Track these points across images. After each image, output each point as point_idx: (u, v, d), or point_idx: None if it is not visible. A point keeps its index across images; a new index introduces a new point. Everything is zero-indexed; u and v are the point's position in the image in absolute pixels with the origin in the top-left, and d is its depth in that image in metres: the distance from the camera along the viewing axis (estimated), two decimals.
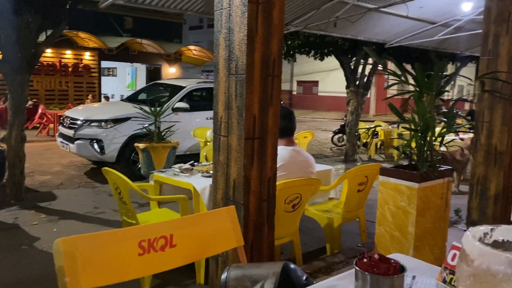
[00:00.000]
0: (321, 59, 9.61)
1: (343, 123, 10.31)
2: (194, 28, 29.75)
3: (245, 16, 1.99)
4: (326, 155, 10.26)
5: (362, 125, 9.63)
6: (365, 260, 0.77)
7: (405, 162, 3.14)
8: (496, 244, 0.54)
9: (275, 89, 2.10)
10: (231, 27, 2.08)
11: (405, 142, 3.10)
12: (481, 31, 3.90)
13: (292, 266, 1.03)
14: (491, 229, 0.53)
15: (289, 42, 8.97)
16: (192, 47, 18.17)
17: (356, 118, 9.09)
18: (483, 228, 0.53)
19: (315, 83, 29.07)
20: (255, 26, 2.01)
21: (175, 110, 7.20)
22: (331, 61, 9.82)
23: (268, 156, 2.12)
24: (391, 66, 15.53)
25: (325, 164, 5.04)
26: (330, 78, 25.15)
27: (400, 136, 6.02)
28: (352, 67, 8.99)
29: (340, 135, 10.94)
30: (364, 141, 9.68)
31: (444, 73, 8.18)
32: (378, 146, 9.91)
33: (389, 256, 1.15)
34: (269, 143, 2.11)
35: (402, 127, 3.21)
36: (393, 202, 2.94)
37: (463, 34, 7.11)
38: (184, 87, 7.76)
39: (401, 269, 0.78)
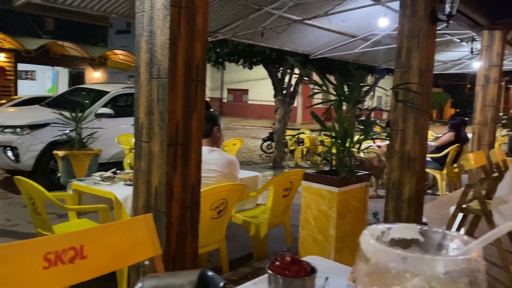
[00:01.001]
0: (250, 67, 9.74)
1: (271, 130, 10.52)
2: (121, 32, 28.75)
3: (168, 20, 1.95)
4: (255, 162, 10.38)
5: (289, 133, 9.89)
6: (277, 263, 0.78)
7: (327, 168, 3.26)
8: (393, 242, 0.56)
9: (199, 94, 2.07)
10: (153, 30, 2.03)
11: (327, 148, 3.22)
12: (395, 45, 4.18)
13: (209, 273, 1.00)
14: (388, 228, 0.55)
15: (218, 50, 8.99)
16: (118, 52, 17.55)
17: (284, 126, 9.31)
18: (381, 227, 0.55)
19: (245, 91, 29.40)
20: (178, 30, 1.98)
21: (98, 115, 6.89)
22: (261, 70, 10.00)
23: (192, 162, 2.08)
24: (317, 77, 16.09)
25: (254, 171, 5.09)
26: (260, 86, 25.58)
27: (322, 143, 6.25)
28: (280, 76, 9.21)
29: (269, 142, 11.14)
30: (291, 148, 9.94)
31: (363, 84, 8.64)
32: (304, 153, 10.22)
33: (305, 258, 1.17)
34: (193, 149, 2.08)
35: (324, 135, 3.34)
36: (316, 206, 3.04)
37: (380, 48, 7.59)
38: (108, 92, 7.46)
39: (312, 270, 0.79)
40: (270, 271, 0.77)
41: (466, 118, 7.76)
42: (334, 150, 3.16)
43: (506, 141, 7.87)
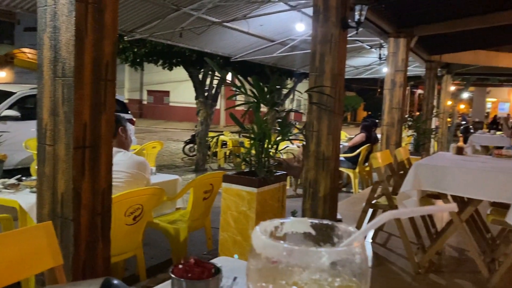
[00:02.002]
0: (170, 69, 9.56)
1: (194, 133, 10.42)
2: (30, 30, 26.66)
3: (73, 15, 1.84)
4: (177, 165, 10.20)
5: (212, 135, 9.85)
6: (180, 266, 0.76)
7: (247, 169, 3.29)
8: (286, 237, 0.56)
9: (108, 94, 1.98)
10: (57, 26, 1.90)
11: (246, 150, 3.26)
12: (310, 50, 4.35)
13: (115, 281, 0.95)
14: (281, 223, 0.55)
15: (136, 50, 8.71)
16: (26, 50, 16.31)
17: (206, 128, 9.26)
18: (275, 222, 0.55)
19: (167, 93, 28.80)
20: (85, 26, 1.87)
21: (3, 118, 6.33)
22: (182, 72, 9.85)
23: (101, 166, 1.98)
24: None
25: (175, 174, 4.99)
26: (182, 88, 25.20)
27: (241, 144, 6.32)
28: (201, 78, 9.15)
29: (191, 145, 11.01)
30: (214, 150, 9.91)
31: (281, 87, 8.88)
32: (227, 155, 10.25)
33: (215, 260, 1.16)
34: (103, 152, 1.98)
35: (243, 136, 3.37)
36: (235, 208, 3.05)
37: (297, 53, 7.85)
38: (14, 93, 6.88)
39: (217, 271, 0.78)
40: (172, 275, 0.75)
41: (377, 120, 8.29)
42: (253, 151, 3.20)
43: (411, 141, 8.54)
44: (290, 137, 3.44)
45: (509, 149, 4.97)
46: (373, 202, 3.68)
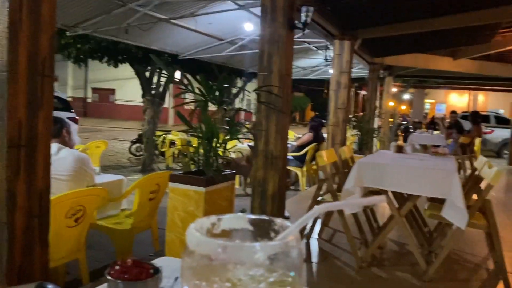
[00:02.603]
0: (115, 66, 9.26)
1: (141, 132, 10.16)
2: None
3: (6, 6, 1.73)
4: (123, 165, 9.91)
5: (159, 134, 9.65)
6: (117, 267, 0.73)
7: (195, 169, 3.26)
8: (224, 233, 0.56)
9: (46, 91, 1.88)
10: None
11: (194, 149, 3.22)
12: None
13: (49, 286, 0.91)
14: (219, 219, 0.54)
15: (79, 46, 8.35)
16: None
17: (153, 127, 9.06)
18: (211, 219, 0.55)
19: (112, 91, 27.90)
20: (19, 18, 1.77)
21: None
22: (129, 69, 9.57)
23: (38, 166, 1.88)
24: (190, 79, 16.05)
25: (121, 175, 4.84)
26: (128, 86, 24.47)
27: (189, 143, 6.23)
28: (148, 76, 8.94)
29: (138, 144, 10.73)
30: (162, 150, 9.73)
31: (228, 86, 8.87)
32: (176, 154, 10.09)
33: (157, 260, 1.14)
34: (40, 151, 1.88)
35: (191, 135, 3.33)
36: (182, 208, 3.01)
37: (246, 52, 7.88)
38: None
39: (156, 271, 0.76)
40: (109, 277, 0.73)
41: (324, 120, 8.50)
42: (201, 151, 3.17)
43: (355, 140, 8.84)
44: (239, 136, 3.44)
45: (445, 147, 5.29)
46: (319, 199, 3.77)
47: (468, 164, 8.40)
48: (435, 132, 10.10)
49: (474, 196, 3.47)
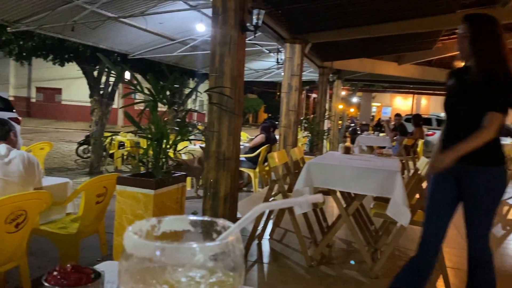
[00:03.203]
0: (61, 64, 8.90)
1: (88, 133, 9.81)
2: None
3: None
4: (69, 168, 9.53)
5: (107, 135, 9.37)
6: (55, 273, 0.71)
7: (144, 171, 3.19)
8: (164, 236, 0.56)
9: None
10: None
11: (143, 150, 3.16)
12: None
13: None
14: (159, 221, 0.54)
15: (22, 43, 7.95)
16: None
17: (101, 128, 8.78)
18: (152, 221, 0.54)
19: (58, 90, 26.73)
20: None
21: None
22: (76, 68, 9.21)
23: None
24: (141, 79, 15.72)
25: (67, 178, 4.66)
26: (76, 85, 23.55)
27: (137, 144, 6.09)
28: (96, 75, 8.66)
29: (85, 146, 10.36)
30: (111, 152, 9.45)
31: (182, 87, 8.78)
32: (125, 156, 9.83)
33: (101, 264, 1.10)
34: None
35: (140, 136, 3.26)
36: (131, 211, 2.94)
37: (198, 53, 7.83)
38: None
39: (97, 276, 0.74)
40: (46, 283, 0.70)
41: (276, 122, 8.61)
42: (150, 152, 3.11)
43: (306, 142, 9.02)
44: (190, 138, 3.41)
45: (390, 149, 5.52)
46: (270, 200, 3.81)
47: (411, 165, 8.81)
48: (381, 134, 10.50)
49: (417, 195, 3.65)
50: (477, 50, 2.31)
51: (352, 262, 3.67)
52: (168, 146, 3.06)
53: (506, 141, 11.33)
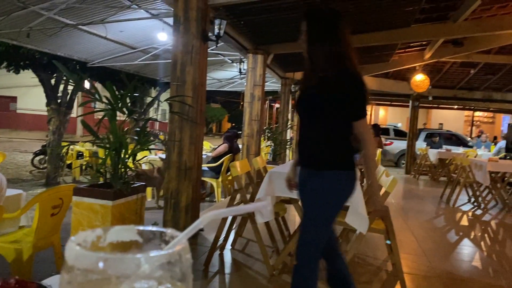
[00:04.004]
0: (16, 72, 8.56)
1: (45, 143, 9.46)
2: None
3: None
4: (24, 179, 9.13)
5: (64, 145, 9.08)
6: None
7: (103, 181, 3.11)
8: (111, 246, 0.55)
9: None
10: None
11: (101, 160, 3.08)
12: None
13: None
14: (105, 231, 0.53)
15: None
16: None
17: (59, 138, 8.49)
18: (97, 231, 0.53)
19: (13, 98, 25.67)
20: None
21: None
22: (32, 75, 8.89)
23: None
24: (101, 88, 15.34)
25: (20, 189, 4.46)
26: (32, 94, 22.70)
27: (95, 155, 5.94)
28: (53, 83, 8.39)
29: (41, 156, 9.98)
30: (68, 162, 9.15)
31: (142, 96, 8.64)
32: (84, 167, 9.54)
33: (49, 279, 1.07)
34: None
35: (98, 146, 3.18)
36: (88, 223, 2.86)
37: (160, 62, 7.76)
38: None
39: None
40: None
41: (239, 132, 8.63)
42: (108, 162, 3.04)
43: (270, 151, 9.08)
44: (150, 147, 3.36)
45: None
46: None
47: None
48: None
49: None
50: (311, 49, 2.09)
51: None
52: (127, 156, 3.00)
53: (458, 150, 11.85)
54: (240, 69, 7.97)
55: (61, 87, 8.50)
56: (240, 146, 7.51)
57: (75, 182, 8.63)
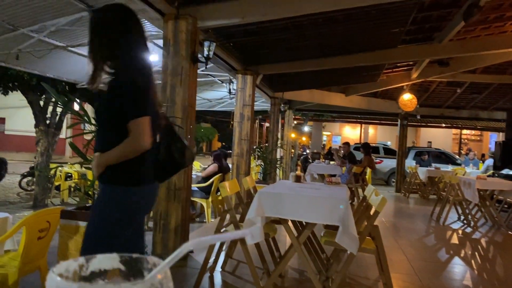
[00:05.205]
0: (5, 93, 8.52)
1: (33, 165, 9.36)
2: None
3: None
4: (11, 201, 8.99)
5: (54, 167, 8.98)
6: None
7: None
8: (93, 275, 0.55)
9: None
10: None
11: (89, 182, 3.06)
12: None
13: None
14: (87, 260, 0.53)
15: None
16: None
17: (47, 159, 8.41)
18: (80, 260, 0.53)
19: (2, 120, 25.50)
20: None
21: None
22: (21, 96, 8.84)
23: None
24: (90, 109, 15.28)
25: (7, 212, 4.39)
26: (20, 115, 22.54)
27: (83, 177, 5.88)
28: (42, 104, 8.35)
29: (29, 178, 9.86)
30: (57, 184, 9.04)
31: None
32: (72, 189, 9.43)
33: None
34: None
35: (86, 168, 3.16)
36: (75, 246, 2.81)
37: None
38: None
39: None
40: None
41: (229, 151, 8.64)
42: (97, 184, 3.01)
43: (260, 170, 9.08)
44: None
45: (339, 177, 5.66)
46: (222, 230, 3.77)
47: (361, 192, 9.06)
48: (331, 162, 10.78)
49: (365, 222, 3.74)
50: (90, 49, 2.03)
51: None
52: None
53: (447, 168, 11.96)
54: (229, 89, 8.02)
55: (50, 108, 8.47)
56: (230, 165, 7.50)
57: (63, 204, 8.51)
